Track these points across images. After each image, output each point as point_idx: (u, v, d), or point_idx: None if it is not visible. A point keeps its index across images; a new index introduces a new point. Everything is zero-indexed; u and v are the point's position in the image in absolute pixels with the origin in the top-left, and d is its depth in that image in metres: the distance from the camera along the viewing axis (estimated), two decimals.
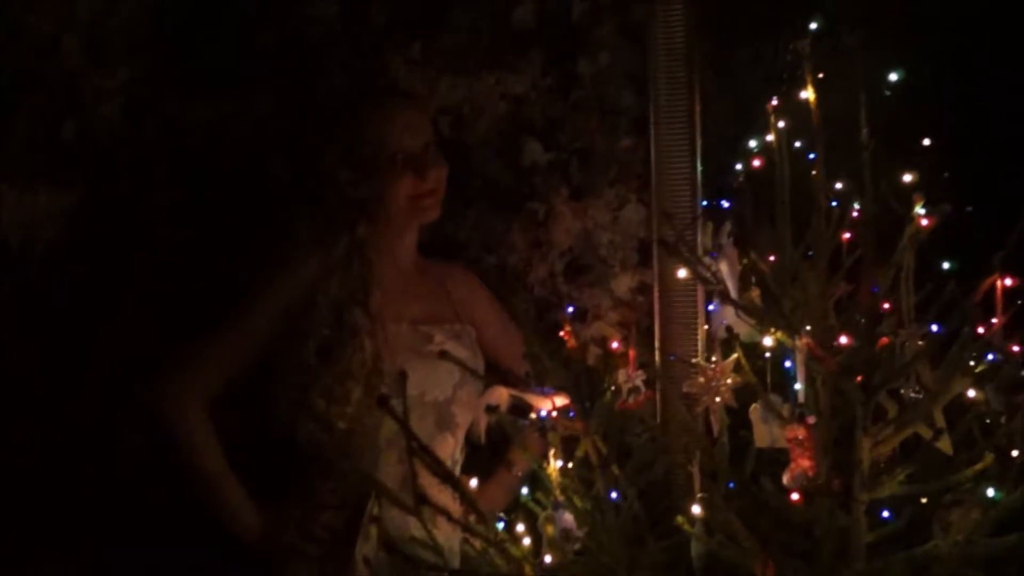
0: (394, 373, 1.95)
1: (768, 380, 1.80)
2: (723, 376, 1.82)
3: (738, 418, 1.85)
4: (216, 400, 2.02)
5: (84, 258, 2.33)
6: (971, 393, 1.72)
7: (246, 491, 2.02)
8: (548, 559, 1.65)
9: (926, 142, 1.85)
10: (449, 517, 1.54)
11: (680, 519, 1.65)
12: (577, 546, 1.68)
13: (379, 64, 2.39)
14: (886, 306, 1.77)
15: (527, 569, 1.62)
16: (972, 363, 1.72)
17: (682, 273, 1.89)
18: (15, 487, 2.25)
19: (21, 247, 2.31)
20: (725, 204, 2.16)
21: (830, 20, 1.92)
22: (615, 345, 2.06)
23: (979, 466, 1.67)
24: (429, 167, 2.05)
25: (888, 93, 1.82)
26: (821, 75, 1.79)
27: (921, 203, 1.76)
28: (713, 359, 1.87)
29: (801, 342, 1.66)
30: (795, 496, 1.62)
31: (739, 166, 2.13)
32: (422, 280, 2.15)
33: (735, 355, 1.82)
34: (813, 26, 1.84)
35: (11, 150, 2.30)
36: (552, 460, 1.74)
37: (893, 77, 1.82)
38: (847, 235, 1.79)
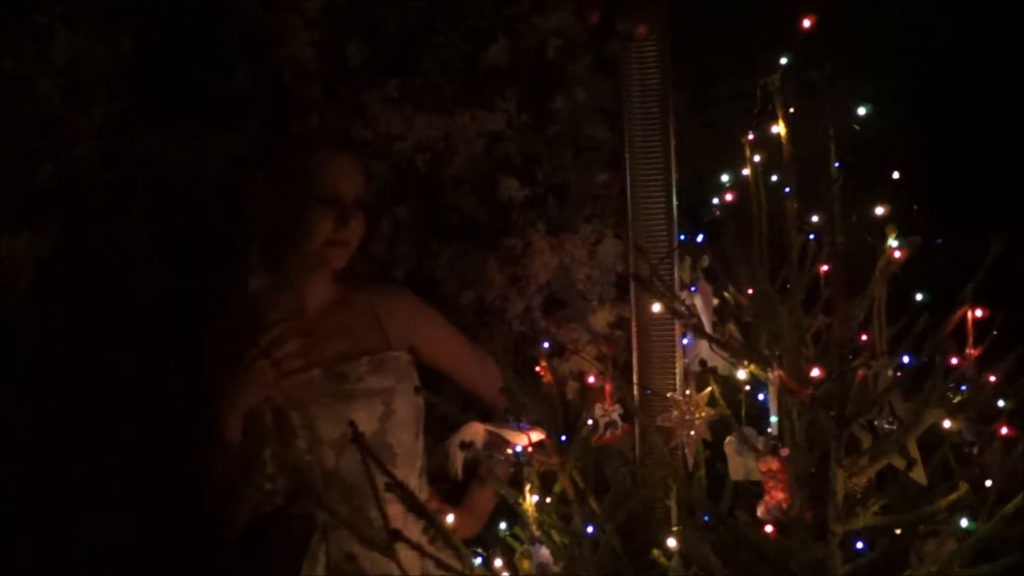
0: (306, 424, 1.99)
1: (743, 413, 1.80)
2: (697, 410, 1.83)
3: (717, 451, 1.85)
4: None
5: (64, 299, 2.32)
6: (947, 424, 1.73)
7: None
8: None
9: (896, 175, 1.86)
10: (423, 552, 1.53)
11: (656, 552, 1.65)
12: None
13: (355, 103, 2.41)
14: (864, 338, 1.78)
15: None
16: (946, 394, 1.73)
17: (656, 308, 1.89)
18: None
19: (0, 289, 2.30)
20: (701, 238, 2.17)
21: (801, 55, 1.94)
22: (592, 380, 2.06)
23: (954, 496, 1.67)
24: (352, 218, 2.06)
25: (857, 127, 1.84)
26: (792, 109, 1.82)
27: (893, 235, 1.77)
28: (687, 393, 1.87)
29: (774, 375, 1.67)
30: (769, 528, 1.62)
31: (715, 200, 2.15)
32: (340, 315, 2.13)
33: (709, 388, 1.83)
34: (783, 61, 1.86)
35: None
36: (528, 495, 1.73)
37: (862, 111, 1.84)
38: (824, 268, 1.81)
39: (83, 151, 2.34)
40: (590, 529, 1.70)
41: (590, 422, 1.86)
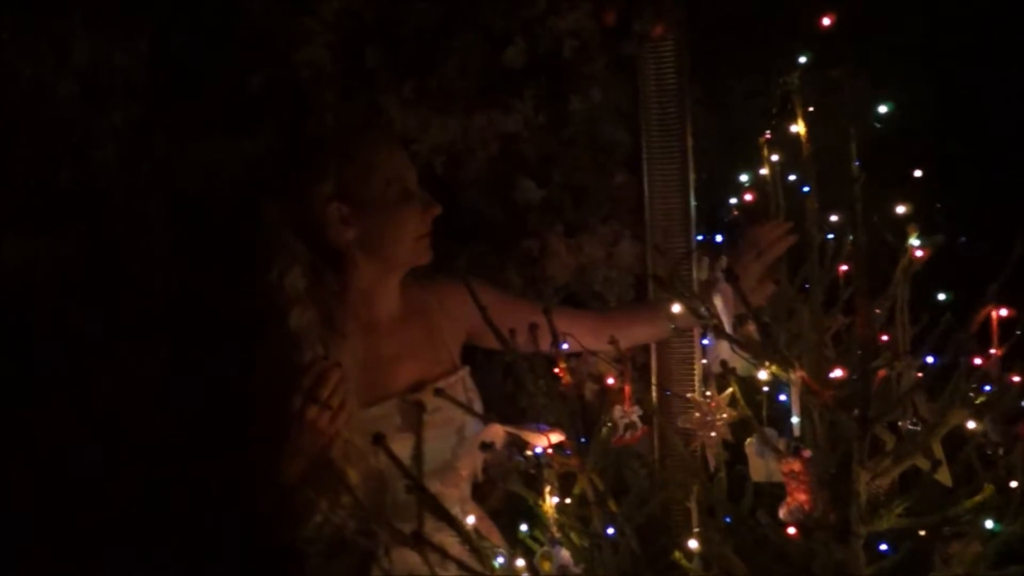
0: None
1: (764, 414, 1.79)
2: (718, 411, 1.82)
3: (736, 453, 1.84)
4: None
5: (84, 301, 2.33)
6: (971, 424, 1.71)
7: None
8: None
9: (917, 173, 1.85)
10: (445, 554, 1.52)
11: (677, 554, 1.64)
12: None
13: (371, 105, 2.40)
14: (884, 338, 1.77)
15: None
16: (970, 394, 1.71)
17: (676, 308, 1.89)
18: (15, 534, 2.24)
19: (19, 292, 2.31)
20: (719, 238, 2.16)
21: (820, 53, 1.93)
22: (611, 381, 2.05)
23: (979, 498, 1.66)
24: (435, 200, 1.96)
25: (878, 125, 1.83)
26: (811, 108, 1.81)
27: (915, 234, 1.76)
28: (708, 394, 1.86)
29: (796, 375, 1.66)
30: (792, 530, 1.61)
31: (733, 200, 2.14)
32: (409, 327, 2.03)
33: (730, 389, 1.82)
34: (802, 60, 1.85)
35: (8, 195, 2.31)
36: (548, 497, 1.72)
37: (883, 109, 1.82)
38: (844, 268, 1.80)
39: (102, 154, 2.35)
40: (610, 531, 1.68)
41: (609, 424, 1.85)
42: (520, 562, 1.65)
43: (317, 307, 1.90)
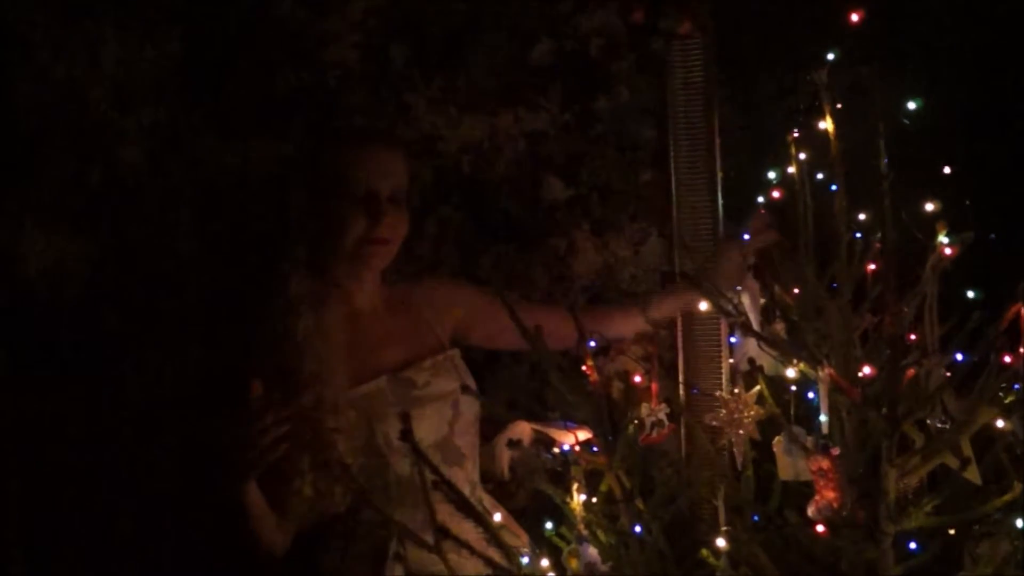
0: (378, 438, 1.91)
1: (792, 412, 1.79)
2: (746, 408, 1.81)
3: (763, 451, 1.84)
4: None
5: (115, 301, 2.35)
6: (1000, 423, 1.70)
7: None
8: None
9: (947, 170, 1.84)
10: (472, 551, 1.53)
11: (705, 553, 1.64)
12: None
13: (399, 104, 2.42)
14: (912, 337, 1.76)
15: None
16: (999, 393, 1.70)
17: (704, 306, 1.88)
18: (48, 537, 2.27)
19: (49, 292, 2.34)
20: (746, 236, 2.15)
21: (848, 50, 1.92)
22: (638, 379, 2.05)
23: (1008, 496, 1.65)
24: (385, 214, 1.95)
25: (907, 122, 1.81)
26: (840, 106, 1.80)
27: (944, 232, 1.75)
28: (735, 391, 1.86)
29: (824, 373, 1.65)
30: (820, 528, 1.60)
31: (760, 199, 2.13)
32: (394, 316, 2.06)
33: (757, 387, 1.82)
34: (830, 57, 1.84)
35: (39, 195, 2.34)
36: (576, 494, 1.73)
37: (912, 106, 1.81)
38: (872, 266, 1.79)
39: (132, 154, 2.37)
40: (637, 529, 1.69)
41: (636, 422, 1.85)
42: (544, 562, 1.65)
43: (308, 302, 1.94)
